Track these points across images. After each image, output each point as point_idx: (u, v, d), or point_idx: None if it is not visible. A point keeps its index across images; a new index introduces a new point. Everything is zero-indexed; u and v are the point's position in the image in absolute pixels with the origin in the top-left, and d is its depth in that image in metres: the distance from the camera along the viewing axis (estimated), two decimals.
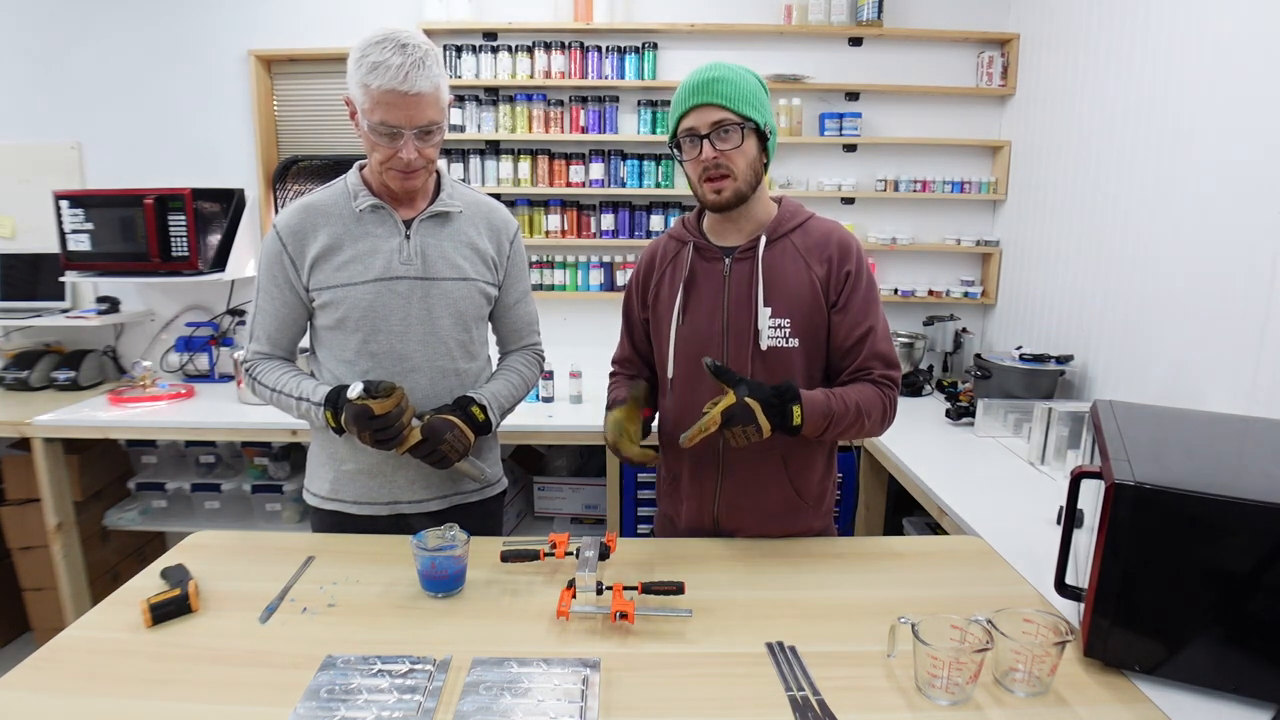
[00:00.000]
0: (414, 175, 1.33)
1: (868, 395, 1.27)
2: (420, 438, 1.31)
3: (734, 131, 1.22)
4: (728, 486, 1.36)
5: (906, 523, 2.46)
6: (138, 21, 2.85)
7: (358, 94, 1.26)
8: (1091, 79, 2.31)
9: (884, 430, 1.33)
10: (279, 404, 1.39)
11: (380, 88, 1.22)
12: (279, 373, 1.40)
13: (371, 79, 1.22)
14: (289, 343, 1.45)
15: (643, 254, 1.45)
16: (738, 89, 1.22)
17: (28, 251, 2.92)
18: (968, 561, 1.31)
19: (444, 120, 1.32)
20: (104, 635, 1.04)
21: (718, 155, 1.22)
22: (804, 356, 1.30)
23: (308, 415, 1.36)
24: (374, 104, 1.24)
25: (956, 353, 2.89)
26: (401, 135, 1.27)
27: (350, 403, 1.25)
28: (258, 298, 1.42)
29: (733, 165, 1.23)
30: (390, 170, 1.31)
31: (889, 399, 1.30)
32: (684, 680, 0.95)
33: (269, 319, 1.41)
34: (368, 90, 1.23)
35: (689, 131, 1.24)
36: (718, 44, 2.84)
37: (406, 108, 1.25)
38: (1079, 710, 0.90)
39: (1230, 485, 0.91)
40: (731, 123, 1.21)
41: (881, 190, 2.87)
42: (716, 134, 1.22)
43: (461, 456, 1.35)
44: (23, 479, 2.52)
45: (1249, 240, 1.69)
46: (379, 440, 1.27)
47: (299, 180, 2.89)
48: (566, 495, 2.80)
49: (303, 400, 1.35)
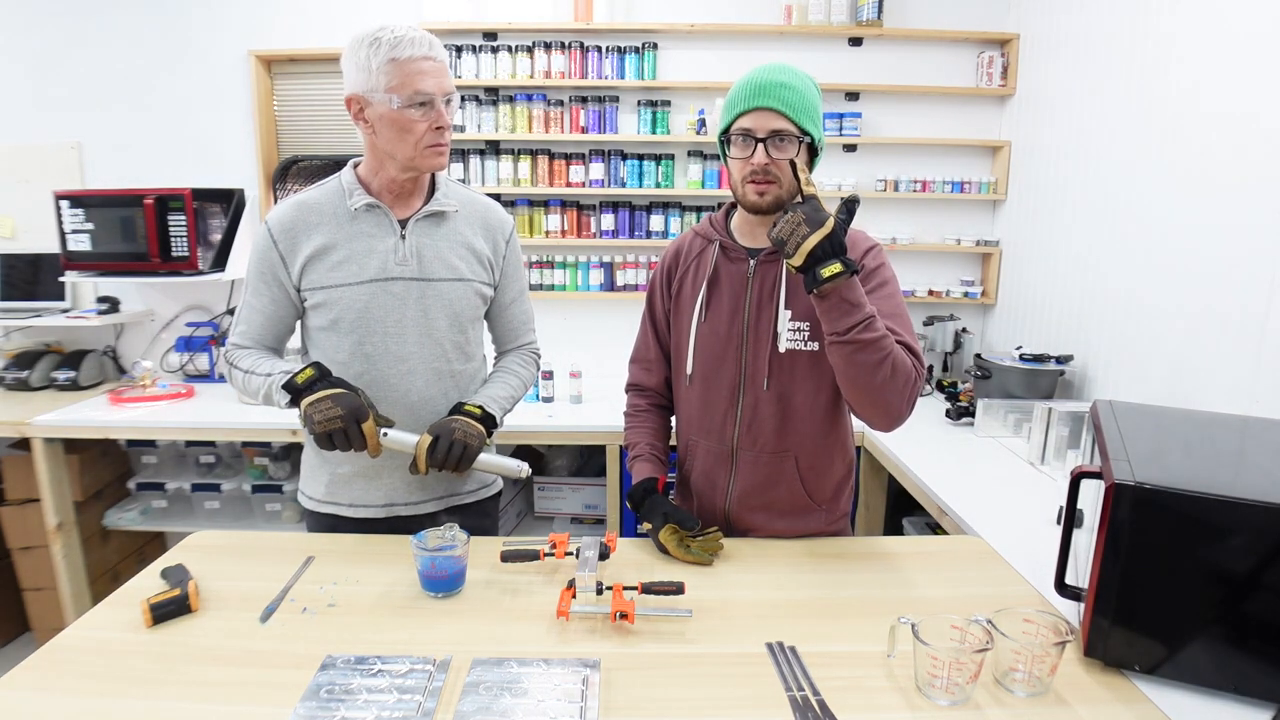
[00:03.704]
0: (445, 150, 1.34)
1: (901, 354, 1.19)
2: (431, 440, 1.29)
3: (790, 143, 1.20)
4: (739, 485, 1.36)
5: (906, 523, 2.46)
6: (138, 21, 2.85)
7: (380, 77, 1.26)
8: (1091, 79, 2.31)
9: (903, 409, 1.22)
10: (248, 387, 1.36)
11: (411, 56, 1.25)
12: (255, 357, 1.37)
13: (400, 52, 1.25)
14: (274, 340, 1.43)
15: (668, 249, 1.44)
16: (802, 99, 1.20)
17: (28, 251, 2.92)
18: (968, 561, 1.31)
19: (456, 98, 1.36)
20: (104, 635, 1.04)
21: (770, 162, 1.20)
22: (822, 361, 1.28)
23: (269, 394, 1.32)
24: (407, 76, 1.26)
25: (956, 353, 2.89)
26: (434, 103, 1.29)
27: (314, 382, 1.24)
28: (245, 293, 1.40)
29: (781, 173, 1.22)
30: (427, 148, 1.31)
31: (917, 376, 1.21)
32: (684, 680, 0.95)
33: (255, 315, 1.39)
34: (397, 64, 1.25)
35: (745, 132, 1.21)
36: (718, 44, 2.84)
37: (437, 75, 1.28)
38: (1079, 710, 0.90)
39: (1230, 485, 0.91)
40: (790, 134, 1.20)
41: (881, 190, 2.87)
42: (773, 141, 1.20)
43: (480, 442, 1.32)
44: (23, 479, 2.52)
45: (1249, 240, 1.69)
46: (328, 427, 1.21)
47: (299, 180, 2.89)
48: (566, 495, 2.80)
49: (269, 376, 1.31)
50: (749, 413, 1.33)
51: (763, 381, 1.30)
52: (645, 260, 2.94)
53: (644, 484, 1.35)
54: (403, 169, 1.34)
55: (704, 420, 1.37)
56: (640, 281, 2.92)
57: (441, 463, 1.28)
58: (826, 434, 1.34)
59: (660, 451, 1.43)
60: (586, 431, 2.41)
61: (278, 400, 1.30)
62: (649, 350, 1.48)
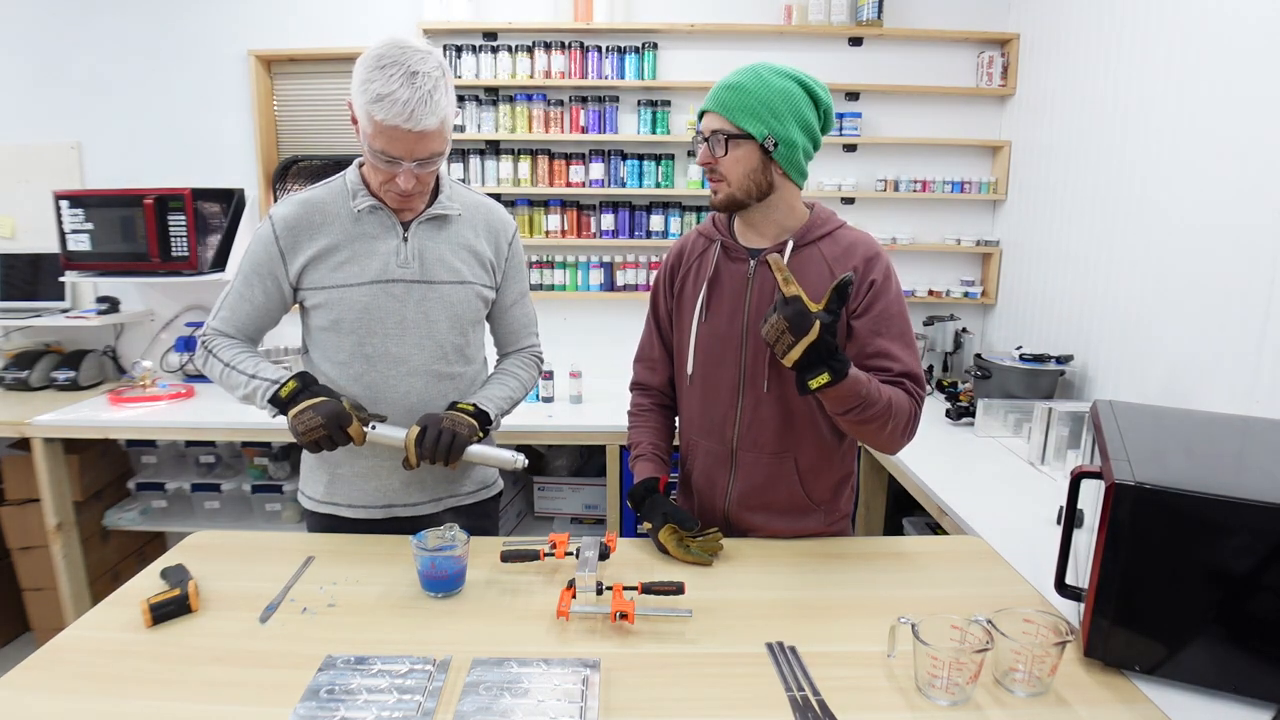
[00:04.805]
0: (409, 199, 1.33)
1: (899, 397, 1.22)
2: (419, 431, 1.29)
3: (723, 142, 1.24)
4: (739, 486, 1.36)
5: (906, 523, 2.46)
6: (138, 21, 2.85)
7: (360, 116, 1.23)
8: (1091, 79, 2.31)
9: (902, 444, 1.27)
10: (226, 381, 1.35)
11: (384, 121, 1.19)
12: (235, 350, 1.37)
13: (376, 110, 1.19)
14: (255, 332, 1.42)
15: (671, 248, 1.45)
16: (745, 99, 1.22)
17: (28, 251, 2.92)
18: (968, 561, 1.31)
19: (447, 148, 1.30)
20: (104, 635, 1.04)
21: (712, 161, 1.26)
22: None
23: (251, 398, 1.33)
24: (376, 133, 1.22)
25: (956, 353, 2.89)
26: (400, 165, 1.25)
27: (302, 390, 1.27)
28: (236, 281, 1.39)
29: (726, 172, 1.25)
30: (388, 193, 1.31)
31: (917, 407, 1.25)
32: (684, 680, 0.95)
33: (243, 304, 1.39)
34: (371, 119, 1.20)
35: (700, 132, 1.28)
36: (718, 44, 2.84)
37: (409, 143, 1.22)
38: (1079, 710, 0.90)
39: (1230, 485, 0.91)
40: (726, 133, 1.23)
41: (881, 190, 2.87)
42: (714, 140, 1.25)
43: (470, 432, 1.31)
44: (23, 479, 2.52)
45: (1249, 240, 1.69)
46: (313, 436, 1.24)
47: (299, 180, 2.89)
48: (566, 495, 2.80)
49: (252, 379, 1.32)
50: (749, 414, 1.32)
51: (763, 383, 1.30)
52: (645, 260, 2.94)
53: (645, 483, 1.35)
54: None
55: (704, 420, 1.37)
56: (640, 281, 2.92)
57: (431, 453, 1.27)
58: (826, 435, 1.34)
59: (662, 451, 1.43)
60: (586, 431, 2.41)
61: (261, 408, 1.33)
62: (653, 349, 1.48)
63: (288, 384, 1.29)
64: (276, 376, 1.31)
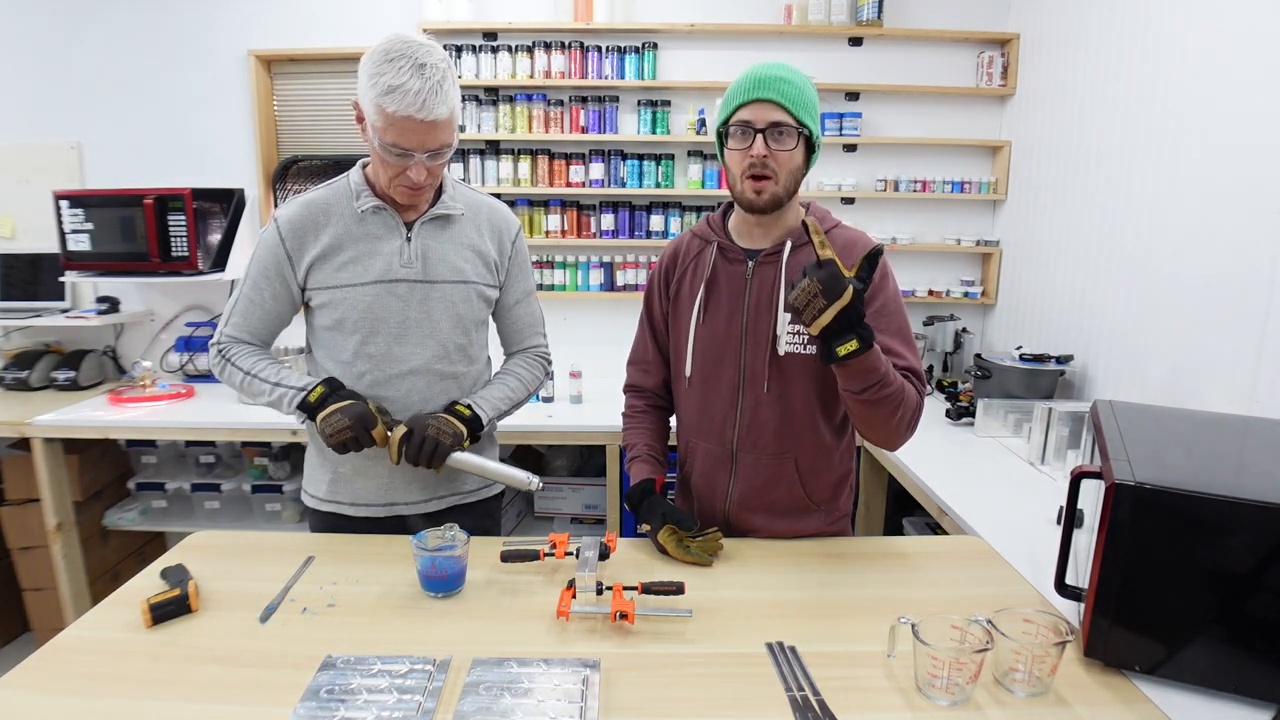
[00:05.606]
0: (420, 191, 1.33)
1: (910, 392, 1.22)
2: (404, 432, 1.32)
3: (789, 135, 1.20)
4: (739, 487, 1.36)
5: (906, 523, 2.46)
6: (138, 21, 2.85)
7: (370, 110, 1.23)
8: (1091, 79, 2.31)
9: (905, 437, 1.27)
10: (249, 389, 1.37)
11: (396, 113, 1.20)
12: (255, 358, 1.39)
13: (387, 102, 1.19)
14: (268, 335, 1.44)
15: (665, 250, 1.44)
16: (800, 94, 1.20)
17: (28, 251, 2.92)
18: (968, 561, 1.31)
19: (455, 139, 1.31)
20: (104, 635, 1.04)
21: (768, 154, 1.20)
22: (819, 364, 1.28)
23: (278, 405, 1.36)
24: (387, 125, 1.22)
25: (956, 353, 2.89)
26: (412, 157, 1.25)
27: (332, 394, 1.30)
28: (244, 285, 1.40)
29: (779, 168, 1.21)
30: (398, 187, 1.31)
31: (920, 401, 1.25)
32: (684, 680, 0.95)
33: (255, 309, 1.39)
34: (382, 112, 1.21)
35: (744, 124, 1.21)
36: (718, 44, 2.84)
37: (421, 133, 1.23)
38: (1079, 710, 0.90)
39: (1230, 485, 0.91)
40: (789, 126, 1.20)
41: (881, 190, 2.87)
42: (772, 133, 1.20)
43: (454, 441, 1.33)
44: (23, 479, 2.52)
45: (1249, 240, 1.69)
46: (340, 438, 1.28)
47: (299, 180, 2.89)
48: (566, 495, 2.80)
49: (277, 386, 1.35)
50: (749, 415, 1.32)
51: (762, 384, 1.30)
52: (645, 260, 2.94)
53: (642, 485, 1.35)
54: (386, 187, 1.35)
55: (703, 422, 1.37)
56: (640, 281, 2.92)
57: (414, 458, 1.31)
58: (827, 436, 1.34)
59: (658, 452, 1.43)
60: (586, 431, 2.41)
61: (289, 414, 1.36)
62: (647, 351, 1.47)
63: (316, 389, 1.32)
64: (303, 384, 1.35)
